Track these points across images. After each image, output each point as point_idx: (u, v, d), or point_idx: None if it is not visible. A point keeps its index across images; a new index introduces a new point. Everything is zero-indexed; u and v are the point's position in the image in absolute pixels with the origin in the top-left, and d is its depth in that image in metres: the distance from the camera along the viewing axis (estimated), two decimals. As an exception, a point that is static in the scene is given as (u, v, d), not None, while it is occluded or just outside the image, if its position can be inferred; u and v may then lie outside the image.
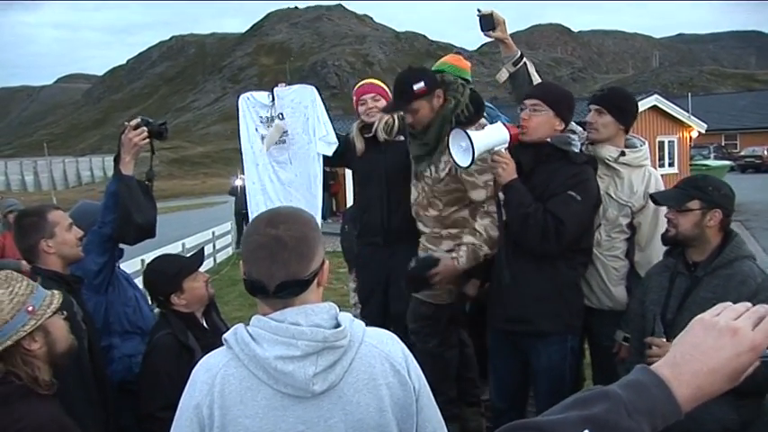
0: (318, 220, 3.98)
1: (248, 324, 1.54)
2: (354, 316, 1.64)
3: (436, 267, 3.43)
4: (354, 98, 4.33)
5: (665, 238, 2.90)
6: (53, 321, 2.16)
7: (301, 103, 4.15)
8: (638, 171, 3.47)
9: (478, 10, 3.60)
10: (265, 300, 1.53)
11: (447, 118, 3.51)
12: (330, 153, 4.20)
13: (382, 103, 4.05)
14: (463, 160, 3.08)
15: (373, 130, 4.09)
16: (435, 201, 3.66)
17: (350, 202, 12.23)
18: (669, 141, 19.71)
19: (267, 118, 4.24)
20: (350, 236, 4.80)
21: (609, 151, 3.42)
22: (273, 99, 4.20)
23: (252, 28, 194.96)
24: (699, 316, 1.01)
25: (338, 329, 1.49)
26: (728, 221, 2.82)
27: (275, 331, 1.47)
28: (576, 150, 3.23)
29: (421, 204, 3.75)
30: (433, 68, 3.97)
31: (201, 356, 1.62)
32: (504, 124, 3.14)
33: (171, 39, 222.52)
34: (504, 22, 3.60)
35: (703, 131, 21.68)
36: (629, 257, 3.46)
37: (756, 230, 15.72)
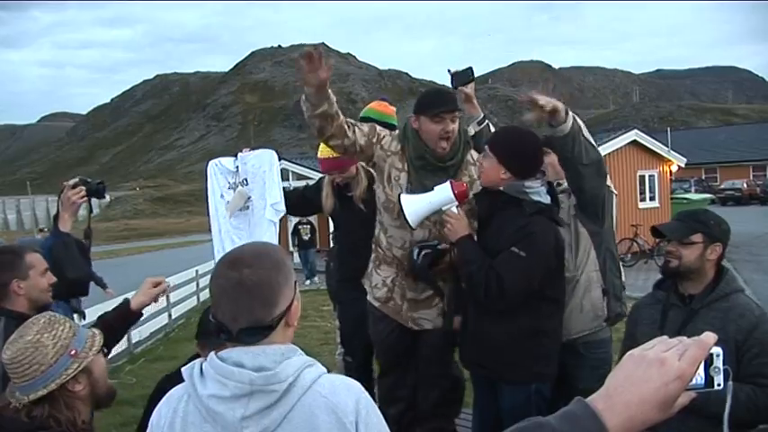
0: None
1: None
2: (338, 355, 1.62)
3: (444, 257, 3.42)
4: (319, 162, 4.20)
5: (666, 270, 2.87)
6: (94, 361, 2.15)
7: (261, 168, 4.10)
8: None
9: (449, 71, 3.65)
10: (230, 342, 1.48)
11: (466, 137, 3.55)
12: (276, 221, 4.13)
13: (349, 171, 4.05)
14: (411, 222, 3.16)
15: (354, 196, 4.07)
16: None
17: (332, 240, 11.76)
18: (650, 175, 19.90)
19: (234, 184, 4.21)
20: (335, 274, 4.77)
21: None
22: (237, 165, 4.17)
23: (236, 66, 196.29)
24: (630, 351, 1.04)
25: (267, 373, 1.41)
26: (723, 256, 2.86)
27: (216, 369, 1.44)
28: (537, 199, 3.06)
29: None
30: (360, 115, 4.08)
31: None
32: (452, 182, 3.12)
33: (155, 77, 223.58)
34: (473, 83, 3.67)
35: (683, 165, 21.92)
36: None
37: (738, 263, 15.79)
